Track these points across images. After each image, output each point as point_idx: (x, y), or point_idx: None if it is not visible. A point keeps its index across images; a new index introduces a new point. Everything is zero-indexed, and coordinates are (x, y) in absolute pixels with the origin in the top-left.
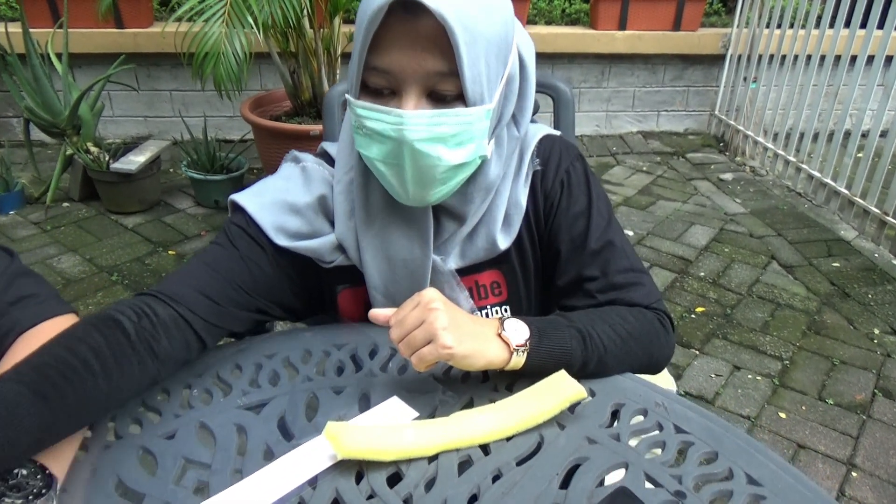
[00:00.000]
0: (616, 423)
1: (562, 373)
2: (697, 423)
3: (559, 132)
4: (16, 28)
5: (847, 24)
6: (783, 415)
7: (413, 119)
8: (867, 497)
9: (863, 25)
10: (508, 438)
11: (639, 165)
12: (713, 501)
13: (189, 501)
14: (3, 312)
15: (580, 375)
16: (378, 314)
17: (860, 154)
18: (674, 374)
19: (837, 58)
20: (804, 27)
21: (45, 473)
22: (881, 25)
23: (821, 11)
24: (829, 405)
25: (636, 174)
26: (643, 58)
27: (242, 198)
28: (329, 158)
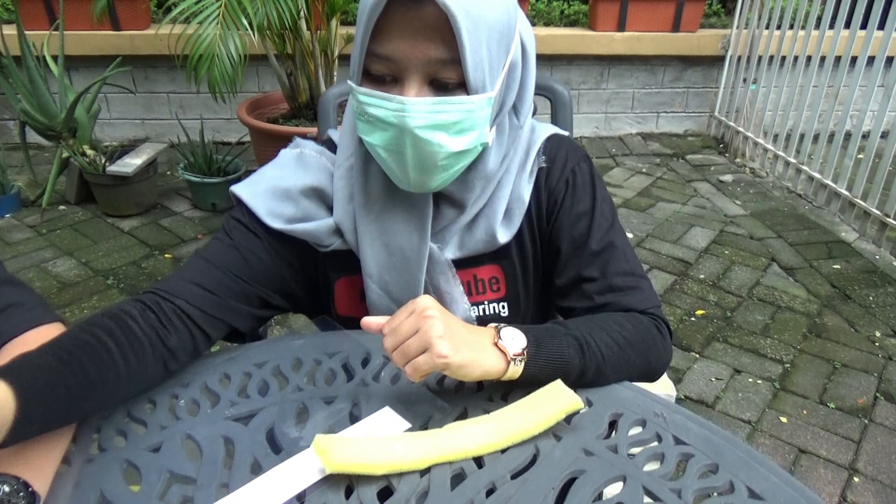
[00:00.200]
0: (614, 435)
1: (558, 382)
2: (697, 434)
3: (567, 133)
4: (11, 30)
5: (847, 25)
6: (784, 419)
7: (415, 106)
8: (869, 503)
9: (863, 26)
10: (503, 451)
11: (638, 167)
12: None
13: None
14: None
15: (577, 384)
16: (370, 322)
17: (861, 155)
18: (673, 378)
19: (838, 59)
20: (804, 28)
21: (28, 491)
22: (881, 26)
23: (821, 12)
24: (831, 409)
25: (635, 176)
26: (642, 59)
27: (239, 187)
28: (333, 145)
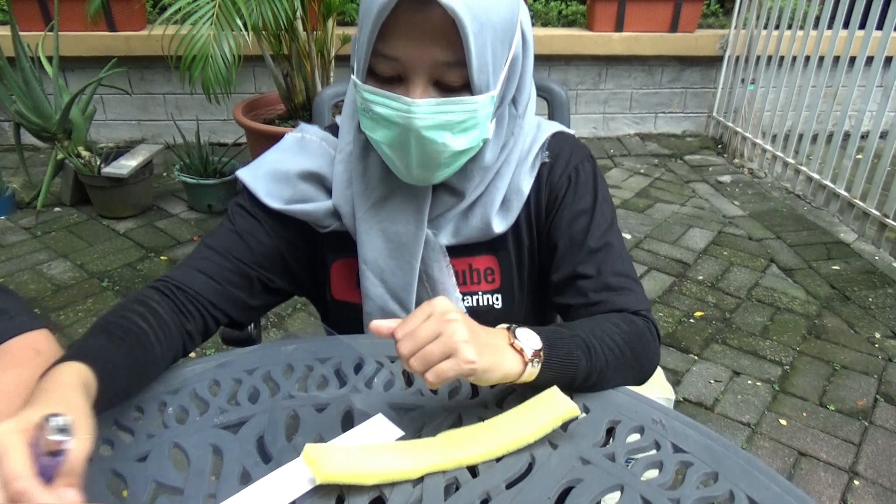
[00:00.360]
0: (611, 442)
1: (554, 389)
2: (696, 442)
3: (573, 132)
4: (5, 31)
5: (846, 25)
6: (784, 421)
7: (420, 107)
8: None
9: (861, 26)
10: (498, 459)
11: (636, 168)
12: None
13: None
14: None
15: (580, 389)
16: (381, 326)
17: (860, 156)
18: (672, 381)
19: (836, 59)
20: (802, 28)
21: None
22: (880, 26)
23: (819, 12)
24: (831, 411)
25: (634, 177)
26: (640, 59)
27: (242, 170)
28: (338, 130)
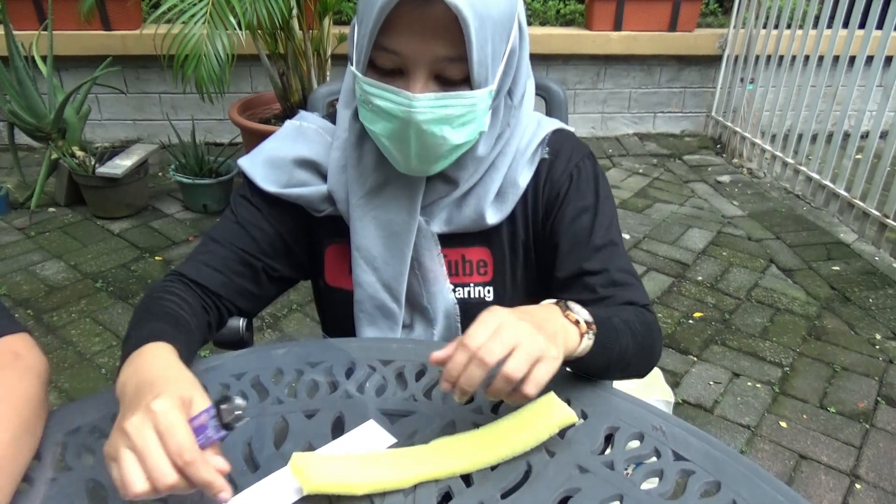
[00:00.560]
0: (610, 450)
1: (551, 395)
2: (698, 449)
3: (573, 129)
4: None
5: (845, 25)
6: (784, 424)
7: (421, 102)
8: None
9: (861, 25)
10: (493, 468)
11: (635, 168)
12: None
13: None
14: None
15: (604, 374)
16: (439, 355)
17: (859, 156)
18: (671, 382)
19: (836, 58)
20: (802, 27)
21: None
22: (880, 25)
23: (818, 11)
24: (831, 413)
25: (632, 176)
26: (639, 59)
27: (243, 158)
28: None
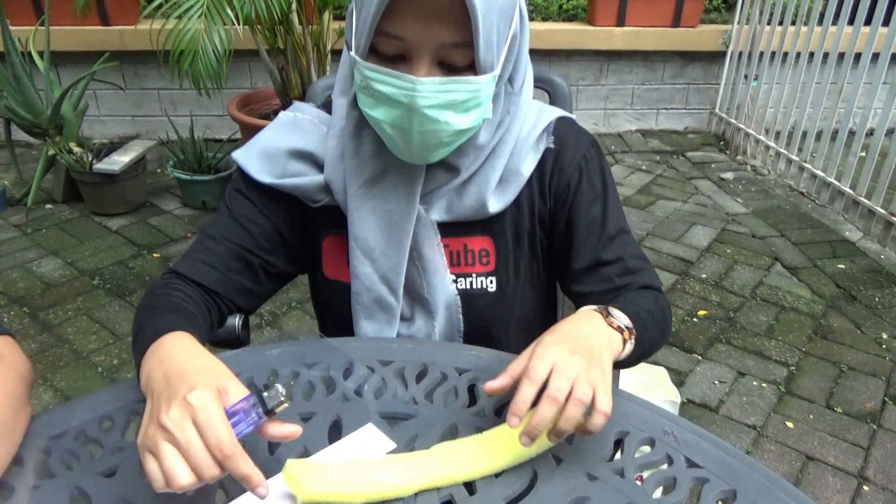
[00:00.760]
0: (619, 456)
1: None
2: (712, 456)
3: (574, 116)
4: None
5: (851, 21)
6: (790, 424)
7: (425, 86)
8: None
9: (867, 22)
10: (497, 475)
11: (638, 164)
12: None
13: None
14: None
15: (627, 366)
16: (494, 386)
17: (864, 153)
18: (675, 381)
19: (841, 55)
20: (806, 24)
21: None
22: (886, 22)
23: (823, 8)
24: (838, 414)
25: (635, 173)
26: (642, 55)
27: (237, 151)
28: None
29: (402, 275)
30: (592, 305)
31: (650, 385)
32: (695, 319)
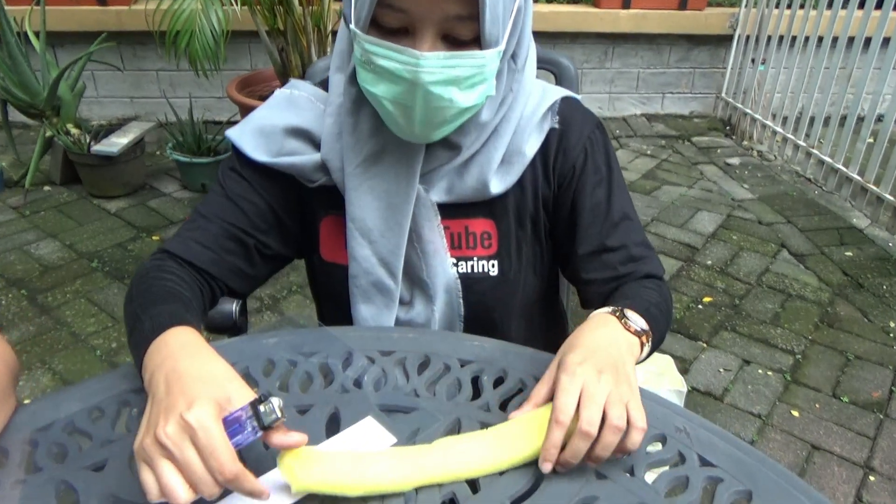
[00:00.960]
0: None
1: None
2: (726, 454)
3: (579, 96)
4: None
5: (861, 5)
6: (796, 413)
7: (429, 61)
8: (886, 503)
9: (878, 6)
10: (501, 473)
11: (643, 149)
12: None
13: None
14: None
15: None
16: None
17: (873, 139)
18: (679, 369)
19: (851, 39)
20: (815, 7)
21: None
22: None
23: None
24: (845, 403)
25: (640, 158)
26: (648, 38)
27: (231, 129)
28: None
29: (402, 257)
30: (606, 308)
31: (656, 374)
32: (700, 306)
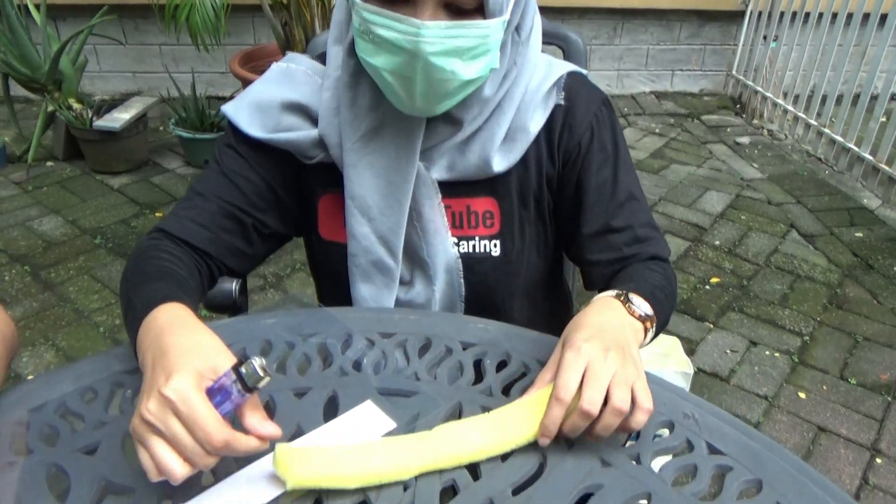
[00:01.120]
0: (636, 440)
1: None
2: (735, 442)
3: (586, 72)
4: None
5: None
6: (803, 395)
7: (430, 31)
8: (892, 485)
9: None
10: (503, 458)
11: (651, 127)
12: None
13: None
14: None
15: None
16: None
17: (886, 119)
18: (686, 350)
19: (866, 16)
20: None
21: None
22: None
23: None
24: (852, 385)
25: (648, 136)
26: (657, 13)
27: (227, 104)
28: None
29: (402, 235)
30: (609, 291)
31: (662, 355)
32: (707, 287)
